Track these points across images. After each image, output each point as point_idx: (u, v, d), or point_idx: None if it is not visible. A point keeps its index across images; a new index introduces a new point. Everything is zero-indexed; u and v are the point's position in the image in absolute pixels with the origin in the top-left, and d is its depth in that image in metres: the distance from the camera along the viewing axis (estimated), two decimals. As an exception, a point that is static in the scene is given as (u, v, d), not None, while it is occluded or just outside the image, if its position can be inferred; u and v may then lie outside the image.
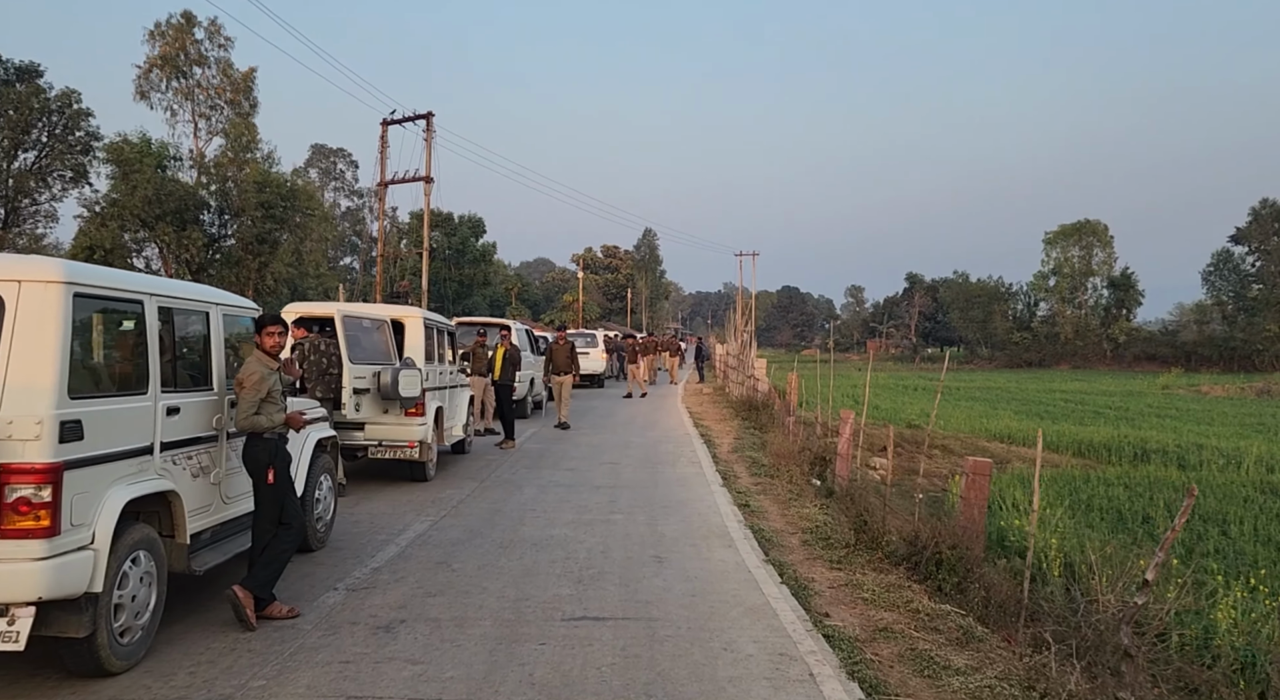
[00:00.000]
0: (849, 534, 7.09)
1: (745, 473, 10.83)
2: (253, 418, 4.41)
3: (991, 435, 22.92)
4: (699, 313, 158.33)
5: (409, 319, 8.71)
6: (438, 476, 9.23)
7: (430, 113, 34.17)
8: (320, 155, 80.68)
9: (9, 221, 39.32)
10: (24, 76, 38.76)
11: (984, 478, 7.30)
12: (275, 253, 36.54)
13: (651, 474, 10.06)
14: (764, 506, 8.46)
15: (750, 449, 13.08)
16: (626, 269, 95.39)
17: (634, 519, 7.44)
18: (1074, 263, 77.88)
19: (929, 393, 37.55)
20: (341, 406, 7.53)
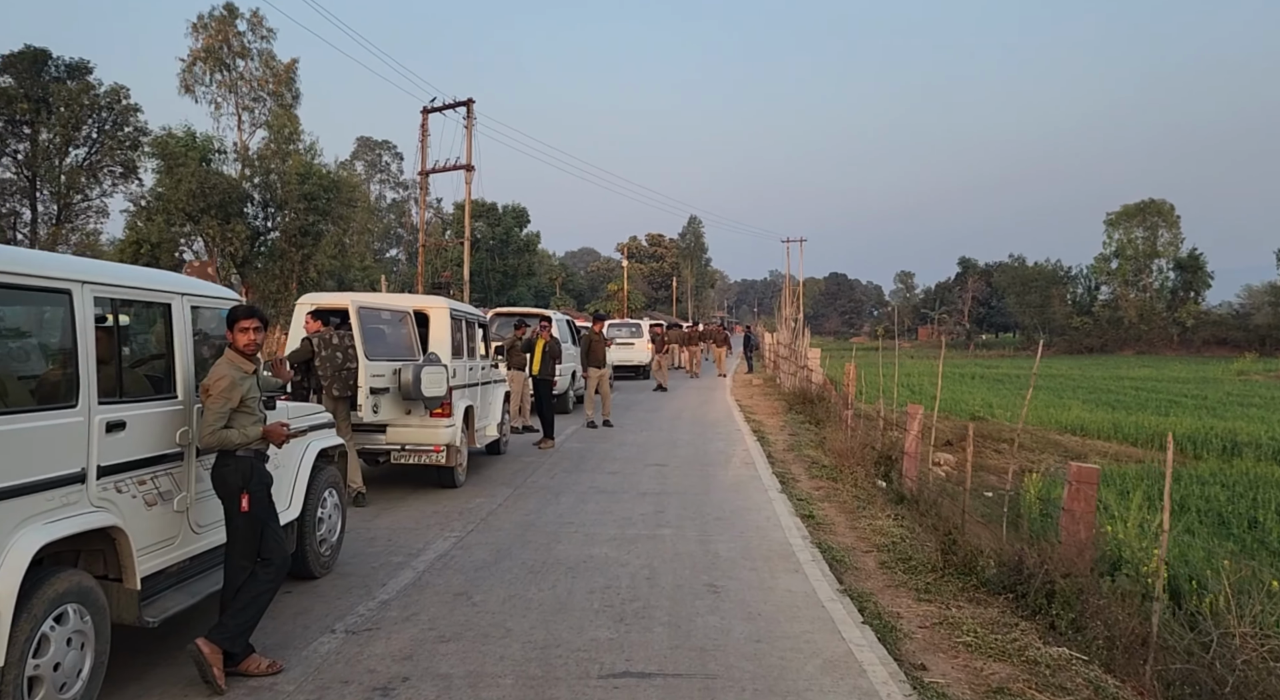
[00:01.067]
0: (933, 554, 6.12)
1: (804, 475, 9.89)
2: (220, 432, 3.63)
3: (1062, 427, 21.54)
4: (744, 301, 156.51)
5: (433, 310, 7.93)
6: (469, 482, 8.46)
7: (470, 100, 33.55)
8: (366, 148, 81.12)
9: (62, 218, 39.81)
10: (74, 73, 39.14)
11: (1091, 487, 6.27)
12: (318, 245, 36.36)
13: (702, 477, 9.17)
14: (829, 516, 7.52)
15: (807, 446, 12.11)
16: (671, 257, 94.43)
17: (684, 534, 6.56)
18: (1138, 244, 74.86)
19: (987, 381, 35.94)
20: (358, 408, 6.77)
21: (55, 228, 39.71)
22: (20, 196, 39.82)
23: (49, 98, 37.68)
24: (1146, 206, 74.53)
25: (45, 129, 38.25)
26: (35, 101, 37.47)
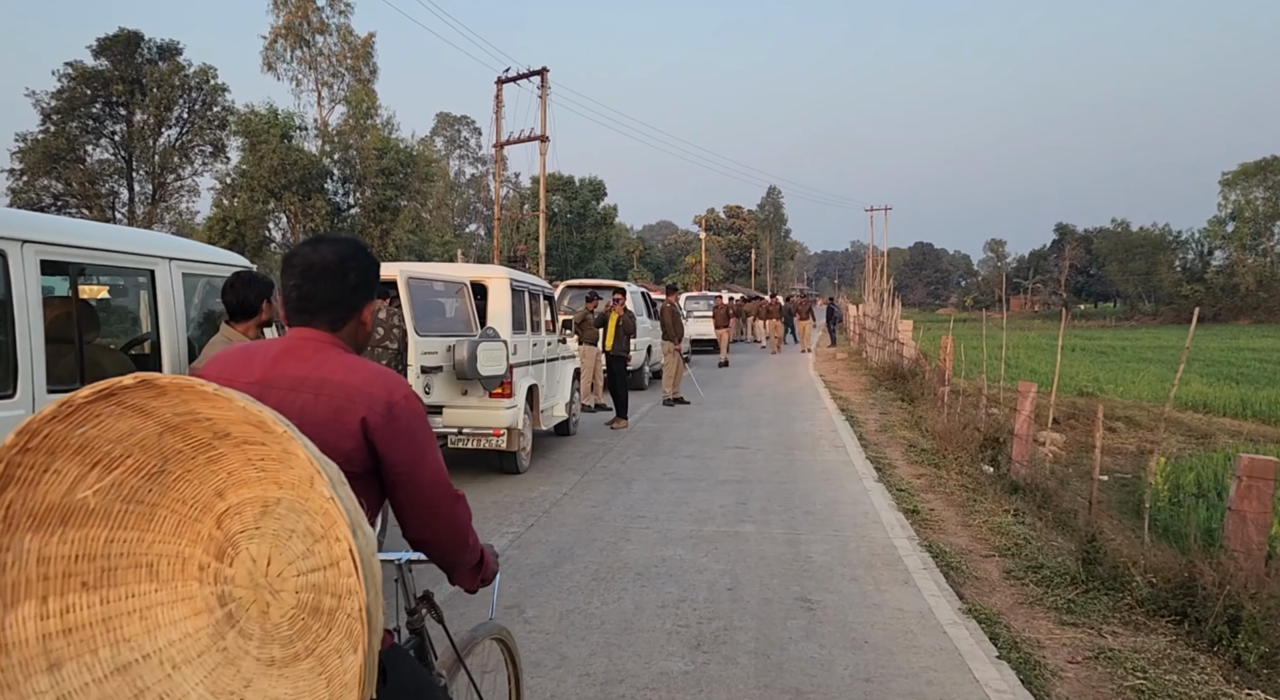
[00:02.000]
0: (1068, 560, 5.17)
1: (901, 459, 8.93)
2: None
3: (1182, 404, 19.74)
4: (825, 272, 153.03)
5: (492, 281, 7.26)
6: (533, 467, 7.83)
7: (545, 68, 32.93)
8: (445, 123, 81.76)
9: (156, 197, 41.13)
10: (165, 55, 40.16)
11: (1267, 483, 5.19)
12: (396, 220, 36.55)
13: (787, 462, 8.33)
14: (936, 510, 6.59)
15: (902, 427, 11.10)
16: (750, 229, 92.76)
17: (769, 531, 5.76)
18: (1257, 205, 69.62)
19: (1089, 354, 33.69)
20: (408, 388, 6.18)
21: (151, 207, 41.08)
22: (118, 177, 41.26)
23: (142, 79, 38.77)
24: (1268, 164, 69.07)
25: (140, 110, 39.44)
26: (129, 83, 38.60)
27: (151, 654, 1.36)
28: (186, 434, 1.32)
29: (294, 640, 1.32)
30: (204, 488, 1.37)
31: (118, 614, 1.36)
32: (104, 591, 1.36)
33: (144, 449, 1.33)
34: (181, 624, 1.37)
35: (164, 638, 1.37)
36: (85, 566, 1.35)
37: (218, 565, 1.37)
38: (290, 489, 1.31)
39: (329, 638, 1.28)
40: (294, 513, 1.31)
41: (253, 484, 1.34)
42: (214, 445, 1.33)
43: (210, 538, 1.38)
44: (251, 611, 1.35)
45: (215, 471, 1.35)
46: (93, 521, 1.35)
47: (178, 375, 1.26)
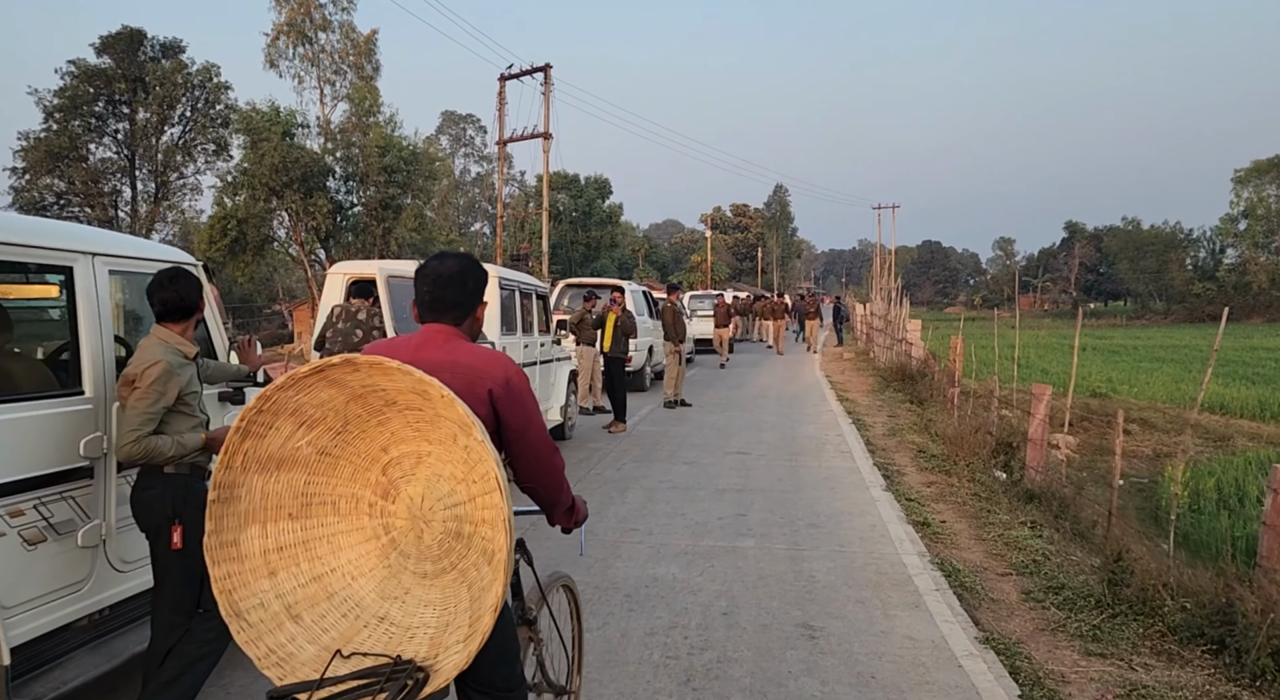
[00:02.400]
0: (1090, 579, 4.80)
1: (910, 465, 8.56)
2: (148, 439, 2.67)
3: (1200, 406, 19.32)
4: (832, 271, 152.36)
5: (480, 279, 6.93)
6: (524, 473, 7.50)
7: (548, 65, 32.62)
8: (450, 122, 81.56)
9: (159, 195, 40.95)
10: (168, 53, 39.97)
11: (1307, 498, 4.82)
12: (399, 218, 36.25)
13: (791, 469, 7.97)
14: (948, 523, 6.22)
15: (911, 431, 10.72)
16: (756, 228, 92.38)
17: (770, 546, 5.41)
18: (1270, 203, 68.94)
19: (1101, 353, 33.20)
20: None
21: (154, 206, 40.90)
22: (121, 175, 41.08)
23: (145, 77, 38.58)
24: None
25: (142, 108, 39.25)
26: (132, 81, 38.42)
27: (337, 568, 1.78)
28: (365, 402, 1.73)
29: (441, 558, 1.75)
30: (373, 444, 1.79)
31: (312, 538, 1.79)
32: (303, 521, 1.79)
33: (335, 413, 1.75)
34: (357, 547, 1.80)
35: (345, 557, 1.79)
36: (291, 501, 1.78)
37: (383, 503, 1.80)
38: (437, 444, 1.74)
39: (468, 555, 1.72)
40: (440, 462, 1.74)
41: (410, 441, 1.76)
42: (383, 411, 1.74)
43: (378, 482, 1.80)
44: (409, 537, 1.78)
45: (382, 431, 1.77)
46: (296, 467, 1.78)
47: (370, 355, 1.65)
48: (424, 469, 1.77)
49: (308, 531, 1.80)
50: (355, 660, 1.69)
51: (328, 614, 1.77)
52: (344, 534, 1.82)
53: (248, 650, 1.69)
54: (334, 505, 1.82)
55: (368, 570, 1.80)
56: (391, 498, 1.80)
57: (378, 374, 1.69)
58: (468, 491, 1.72)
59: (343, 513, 1.82)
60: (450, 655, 1.66)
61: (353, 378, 1.70)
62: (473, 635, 1.64)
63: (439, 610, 1.75)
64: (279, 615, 1.74)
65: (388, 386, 1.70)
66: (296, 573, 1.78)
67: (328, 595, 1.78)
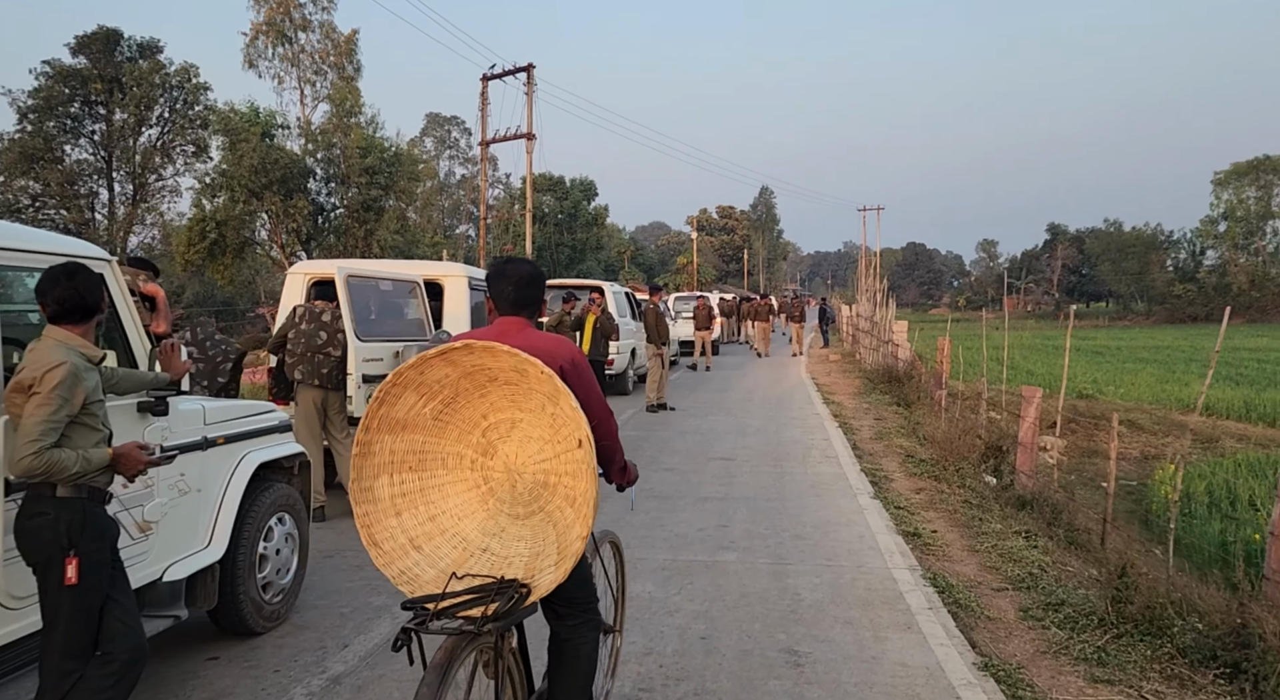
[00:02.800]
0: (1090, 593, 4.53)
1: (899, 470, 8.30)
2: (49, 453, 2.35)
3: (1183, 405, 19.21)
4: (817, 273, 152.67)
5: (448, 280, 6.59)
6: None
7: (530, 65, 32.30)
8: (435, 124, 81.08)
9: (137, 198, 40.28)
10: (145, 53, 39.38)
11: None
12: (381, 220, 35.77)
13: (776, 476, 7.68)
14: (939, 533, 5.95)
15: (898, 434, 10.47)
16: (743, 230, 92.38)
17: (753, 560, 5.11)
18: (1249, 205, 69.62)
19: (1084, 354, 33.22)
20: (349, 400, 5.50)
21: (131, 208, 40.25)
22: (97, 177, 40.42)
23: (121, 78, 37.97)
24: (1260, 164, 69.07)
25: (119, 109, 38.64)
26: (109, 82, 37.80)
27: (446, 511, 2.23)
28: (473, 378, 2.16)
29: (530, 503, 2.19)
30: (475, 412, 2.20)
31: (427, 487, 2.23)
32: (420, 473, 2.22)
33: (448, 387, 2.16)
34: (462, 495, 2.24)
35: (452, 502, 2.23)
36: (411, 457, 2.22)
37: (483, 460, 2.23)
38: (529, 413, 2.17)
39: (553, 500, 2.16)
40: (531, 427, 2.17)
41: (506, 410, 2.19)
42: (486, 386, 2.17)
43: (478, 443, 2.22)
44: (504, 487, 2.21)
45: (483, 402, 2.19)
46: (416, 430, 2.20)
47: (485, 340, 2.12)
48: (517, 432, 2.21)
49: (423, 481, 2.25)
50: (467, 580, 2.13)
51: (441, 546, 2.23)
52: (451, 484, 2.26)
53: (384, 571, 2.18)
54: (443, 461, 2.26)
55: (470, 513, 2.25)
56: (490, 455, 2.24)
57: (486, 356, 2.11)
58: (553, 450, 2.16)
59: (449, 467, 2.26)
60: (544, 576, 2.13)
61: (466, 359, 2.13)
62: (562, 561, 2.11)
63: (530, 544, 2.20)
64: (404, 546, 2.21)
65: (492, 365, 2.13)
66: (416, 514, 2.23)
67: (440, 531, 2.23)
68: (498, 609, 2.05)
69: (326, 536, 5.49)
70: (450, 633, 2.04)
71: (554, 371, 2.12)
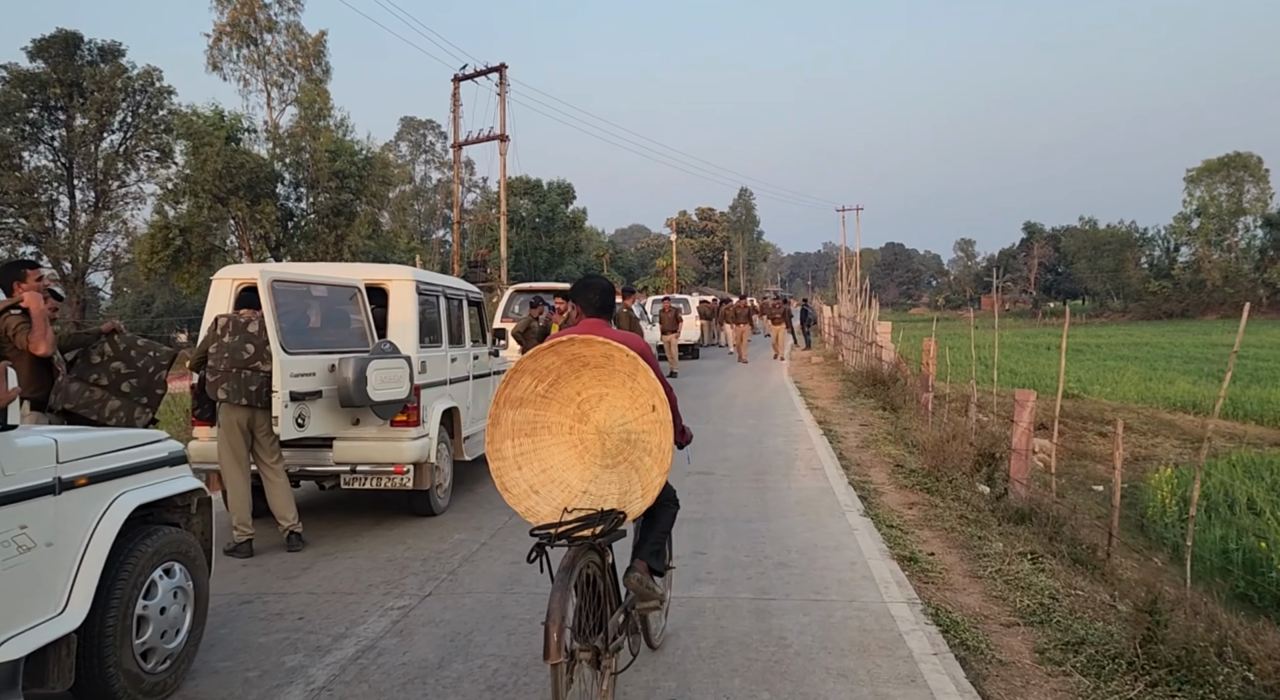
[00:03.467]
0: (1115, 631, 4.00)
1: (889, 482, 7.77)
2: None
3: (1170, 404, 18.90)
4: (798, 274, 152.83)
5: (393, 283, 5.96)
6: (454, 505, 6.55)
7: (503, 65, 31.73)
8: (410, 128, 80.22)
9: (100, 205, 39.18)
10: (106, 57, 38.35)
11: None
12: (352, 225, 34.93)
13: (757, 492, 7.12)
14: (937, 555, 5.41)
15: (886, 441, 9.95)
16: (722, 231, 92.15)
17: (732, 596, 4.54)
18: (1221, 202, 70.15)
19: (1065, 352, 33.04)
20: (274, 421, 4.86)
21: (94, 215, 39.18)
22: (58, 184, 39.29)
23: (82, 82, 36.89)
24: (1231, 160, 69.63)
25: (80, 114, 37.58)
26: (68, 86, 36.74)
27: (554, 466, 3.01)
28: (570, 364, 2.92)
29: (617, 456, 2.97)
30: (571, 389, 2.99)
31: (538, 448, 3.01)
32: (532, 437, 3.00)
33: (552, 372, 2.93)
34: (564, 452, 3.02)
35: (558, 459, 3.01)
36: (525, 426, 2.99)
37: (579, 426, 3.01)
38: (613, 388, 2.94)
39: (636, 453, 2.93)
40: (615, 398, 2.95)
41: (595, 386, 2.97)
42: (580, 369, 2.94)
43: (575, 413, 3.00)
44: (595, 444, 3.00)
45: (578, 381, 2.97)
46: (529, 405, 2.98)
47: (584, 335, 2.92)
48: (604, 403, 2.98)
49: (535, 444, 3.02)
50: (576, 512, 2.90)
51: (553, 490, 3.00)
52: (555, 445, 3.03)
53: (514, 507, 2.98)
54: (549, 428, 3.02)
55: (571, 466, 3.02)
56: (584, 422, 3.01)
57: (582, 346, 2.91)
58: (633, 414, 2.95)
59: (554, 433, 3.03)
60: (633, 505, 2.95)
61: (568, 349, 2.92)
62: (647, 494, 2.94)
63: (618, 485, 2.98)
64: (526, 491, 2.99)
65: (586, 353, 2.91)
66: (532, 468, 3.00)
67: (551, 480, 3.00)
68: (601, 530, 2.84)
69: (251, 576, 4.86)
70: (570, 546, 2.85)
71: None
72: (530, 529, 2.89)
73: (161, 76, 38.60)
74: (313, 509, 6.57)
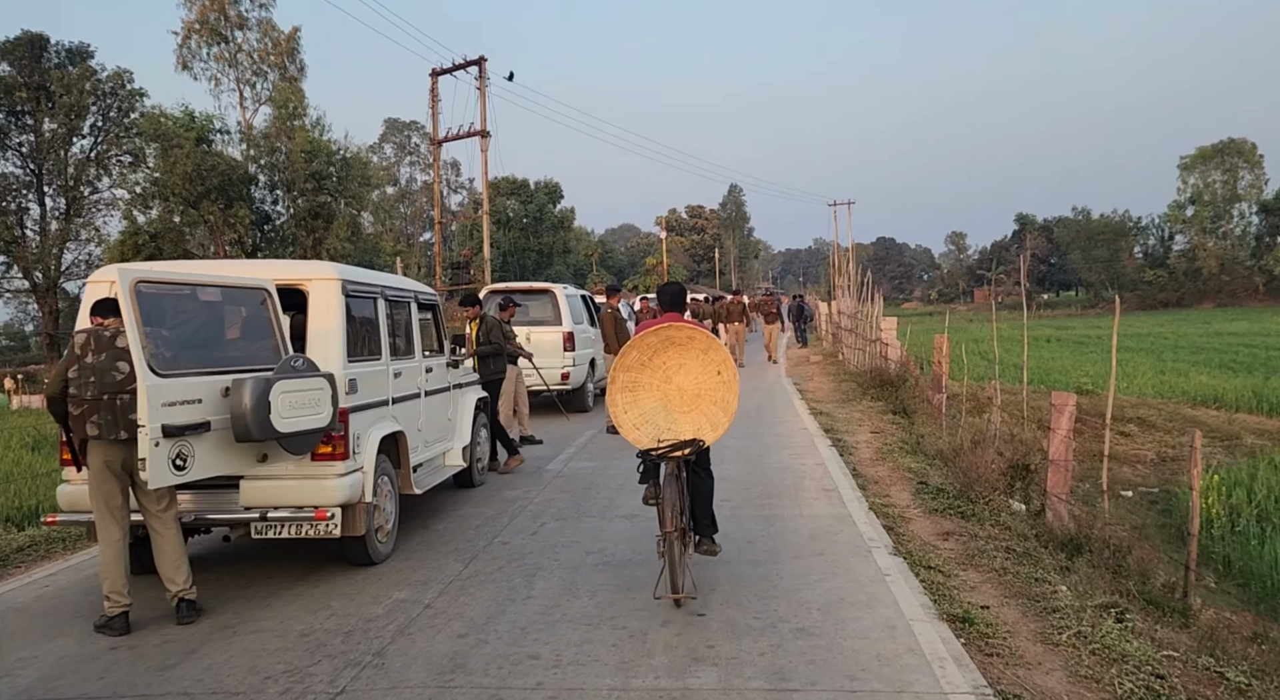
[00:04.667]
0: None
1: (914, 505, 6.70)
2: None
3: (1191, 398, 17.88)
4: (789, 271, 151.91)
5: (314, 283, 4.84)
6: (400, 548, 5.45)
7: (482, 58, 30.59)
8: (394, 129, 78.99)
9: (71, 212, 37.86)
10: (74, 59, 37.09)
11: None
12: (330, 228, 33.71)
13: (764, 523, 6.03)
14: (993, 609, 4.33)
15: (902, 451, 8.89)
16: (713, 229, 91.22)
17: (742, 685, 3.44)
18: (1216, 189, 69.50)
19: (1066, 345, 32.08)
20: (140, 464, 3.74)
21: (64, 223, 37.86)
22: (27, 191, 37.99)
23: (49, 86, 35.61)
24: (1225, 147, 68.97)
25: (49, 118, 36.31)
26: (35, 90, 35.45)
27: (647, 410, 4.44)
28: (664, 341, 4.42)
29: (691, 403, 4.42)
30: (660, 359, 4.44)
31: (639, 400, 4.44)
32: (634, 393, 4.44)
33: (651, 348, 4.42)
34: (653, 403, 4.44)
35: (648, 406, 4.43)
36: (630, 384, 4.45)
37: (664, 384, 4.44)
38: (689, 358, 4.42)
39: (706, 403, 4.41)
40: (690, 365, 4.42)
41: (676, 357, 4.43)
42: (666, 346, 4.43)
43: (662, 375, 4.44)
44: (675, 398, 4.43)
45: (665, 353, 4.43)
46: (633, 370, 4.43)
47: (674, 323, 4.55)
48: (683, 369, 4.41)
49: (636, 398, 4.42)
50: (666, 442, 4.34)
51: (648, 428, 4.40)
52: (645, 398, 4.42)
53: (626, 437, 4.43)
54: (643, 386, 4.43)
55: (658, 411, 4.41)
56: (668, 382, 4.42)
57: (674, 330, 4.41)
58: (703, 378, 4.38)
59: (645, 389, 4.44)
60: (705, 437, 4.35)
61: (665, 332, 4.40)
62: (715, 431, 4.37)
63: (692, 425, 4.38)
64: (632, 427, 4.41)
65: (675, 335, 4.39)
66: (632, 412, 4.41)
67: (646, 421, 4.40)
68: (688, 452, 4.34)
69: (115, 666, 3.74)
70: (668, 460, 4.39)
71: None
72: (637, 452, 4.48)
73: (133, 78, 37.36)
74: (224, 558, 5.46)
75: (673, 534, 4.25)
